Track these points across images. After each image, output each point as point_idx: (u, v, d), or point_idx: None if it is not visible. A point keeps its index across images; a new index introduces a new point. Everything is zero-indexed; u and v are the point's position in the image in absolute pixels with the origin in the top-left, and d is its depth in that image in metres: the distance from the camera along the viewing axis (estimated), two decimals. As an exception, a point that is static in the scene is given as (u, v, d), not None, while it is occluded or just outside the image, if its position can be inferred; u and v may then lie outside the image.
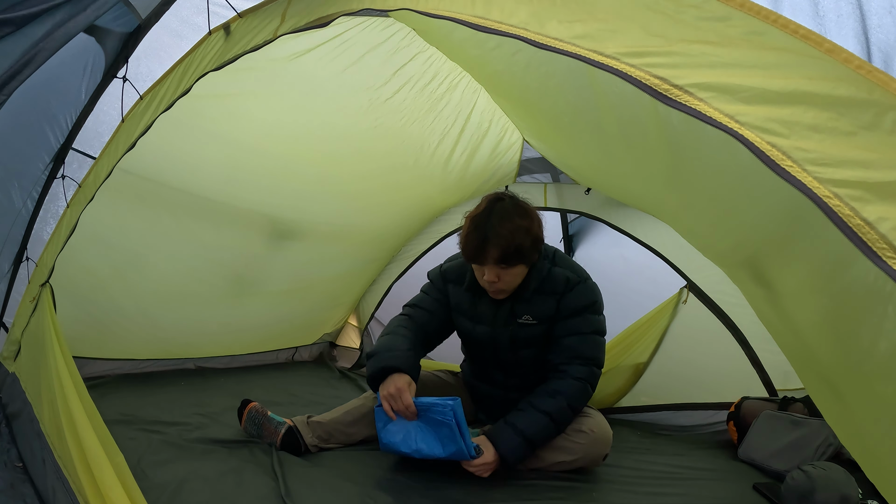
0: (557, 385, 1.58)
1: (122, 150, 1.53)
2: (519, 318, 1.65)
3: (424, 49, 1.82)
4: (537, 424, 1.53)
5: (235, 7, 1.44)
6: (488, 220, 1.54)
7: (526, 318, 1.65)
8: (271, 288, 2.62)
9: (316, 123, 2.03)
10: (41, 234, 1.76)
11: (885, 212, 0.61)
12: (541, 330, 1.65)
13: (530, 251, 1.57)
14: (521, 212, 1.57)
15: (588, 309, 1.64)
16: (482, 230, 1.53)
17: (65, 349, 1.44)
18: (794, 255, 0.84)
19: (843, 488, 1.45)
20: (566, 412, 1.56)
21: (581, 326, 1.63)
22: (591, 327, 1.64)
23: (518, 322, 1.65)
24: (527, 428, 1.52)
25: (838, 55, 0.67)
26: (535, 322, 1.64)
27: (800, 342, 0.95)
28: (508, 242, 1.51)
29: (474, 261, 1.58)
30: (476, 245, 1.54)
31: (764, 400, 2.15)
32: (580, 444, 1.59)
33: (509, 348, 1.69)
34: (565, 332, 1.64)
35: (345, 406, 1.76)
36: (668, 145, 0.99)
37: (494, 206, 1.58)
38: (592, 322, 1.65)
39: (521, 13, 0.89)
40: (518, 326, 1.66)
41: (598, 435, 1.61)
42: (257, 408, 1.66)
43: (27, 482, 1.32)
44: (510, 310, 1.66)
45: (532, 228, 1.57)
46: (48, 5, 1.20)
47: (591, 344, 1.64)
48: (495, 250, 1.51)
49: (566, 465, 1.60)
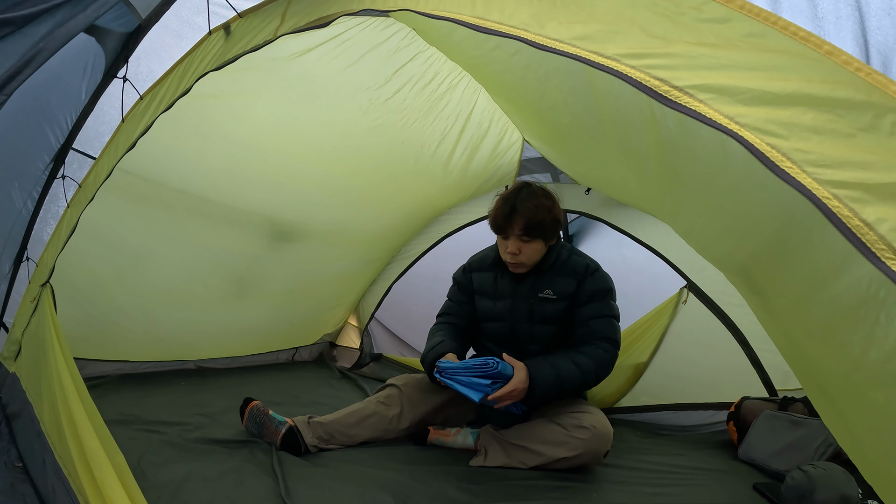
0: (588, 349, 1.71)
1: (122, 150, 1.53)
2: (540, 292, 1.79)
3: (424, 49, 1.82)
4: (569, 369, 1.64)
5: (235, 7, 1.44)
6: (517, 196, 1.74)
7: (547, 293, 1.79)
8: (271, 288, 2.62)
9: (316, 123, 2.03)
10: (41, 235, 1.77)
11: (884, 213, 0.61)
12: (561, 307, 1.78)
13: (550, 229, 1.75)
14: (545, 193, 1.78)
15: (608, 294, 1.79)
16: (510, 203, 1.73)
17: (65, 349, 1.44)
18: (789, 260, 0.84)
19: (844, 488, 1.45)
20: (591, 374, 1.67)
21: (604, 310, 1.76)
22: (612, 312, 1.78)
23: (539, 296, 1.79)
24: (560, 367, 1.64)
25: (837, 57, 0.67)
26: (555, 297, 1.77)
27: (795, 348, 0.96)
28: (532, 215, 1.70)
29: (500, 231, 1.76)
30: (504, 215, 1.72)
31: (764, 400, 2.15)
32: (582, 440, 1.60)
33: (527, 320, 1.80)
34: (591, 315, 1.76)
35: (347, 408, 1.77)
36: (664, 149, 0.99)
37: (523, 187, 1.79)
38: (613, 307, 1.79)
39: (522, 14, 0.89)
40: (538, 301, 1.79)
41: (599, 431, 1.62)
42: (259, 407, 1.67)
43: (27, 482, 1.32)
44: (531, 285, 1.81)
45: (553, 209, 1.76)
46: (48, 5, 1.20)
47: (614, 327, 1.77)
48: (520, 220, 1.70)
49: (567, 461, 1.61)
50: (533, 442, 1.65)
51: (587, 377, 1.67)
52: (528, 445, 1.64)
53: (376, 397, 1.82)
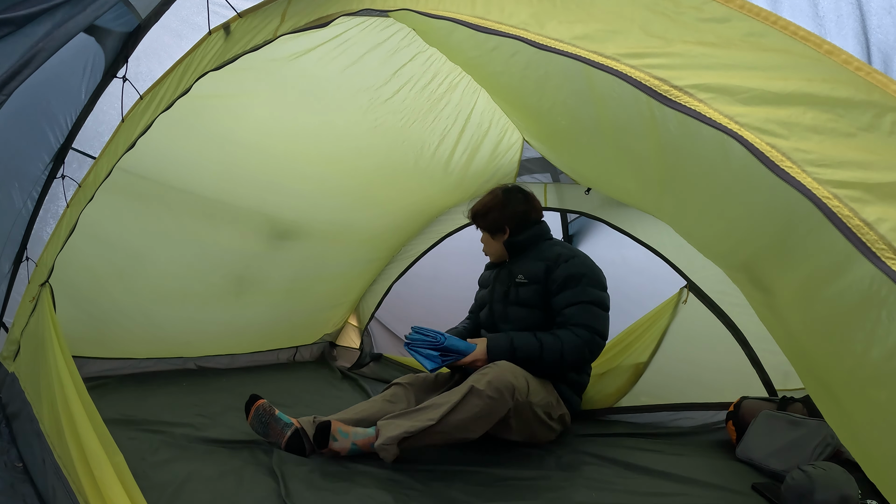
0: (560, 332, 1.80)
1: (121, 149, 1.53)
2: (516, 277, 1.98)
3: (424, 49, 1.82)
4: (528, 343, 1.77)
5: (235, 7, 1.44)
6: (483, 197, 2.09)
7: (520, 278, 1.96)
8: (271, 287, 2.62)
9: (316, 123, 2.03)
10: (41, 234, 1.76)
11: (884, 212, 0.61)
12: (533, 291, 1.92)
13: (500, 222, 2.05)
14: (510, 191, 2.09)
15: (582, 279, 1.86)
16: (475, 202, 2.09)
17: (64, 349, 1.44)
18: (791, 258, 0.84)
19: (843, 488, 1.44)
20: (556, 353, 1.76)
21: (579, 296, 1.83)
22: (588, 297, 1.83)
23: (515, 281, 1.97)
24: (517, 340, 1.78)
25: (838, 56, 0.67)
26: (526, 281, 1.94)
27: (797, 346, 0.95)
28: (480, 207, 2.08)
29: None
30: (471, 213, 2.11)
31: (763, 400, 2.15)
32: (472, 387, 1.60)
33: (502, 301, 2.00)
34: (564, 303, 1.84)
35: (353, 408, 1.77)
36: (665, 147, 0.99)
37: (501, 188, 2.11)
38: (589, 293, 1.84)
39: (521, 14, 0.89)
40: (514, 284, 1.98)
41: (491, 380, 1.61)
42: (265, 406, 1.65)
43: (27, 482, 1.32)
44: (508, 271, 2.03)
45: (510, 205, 2.05)
46: (48, 5, 1.20)
47: (591, 314, 1.81)
48: (471, 212, 2.11)
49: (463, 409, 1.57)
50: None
51: (549, 354, 1.75)
52: (426, 404, 1.62)
53: (382, 396, 1.83)
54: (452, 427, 1.57)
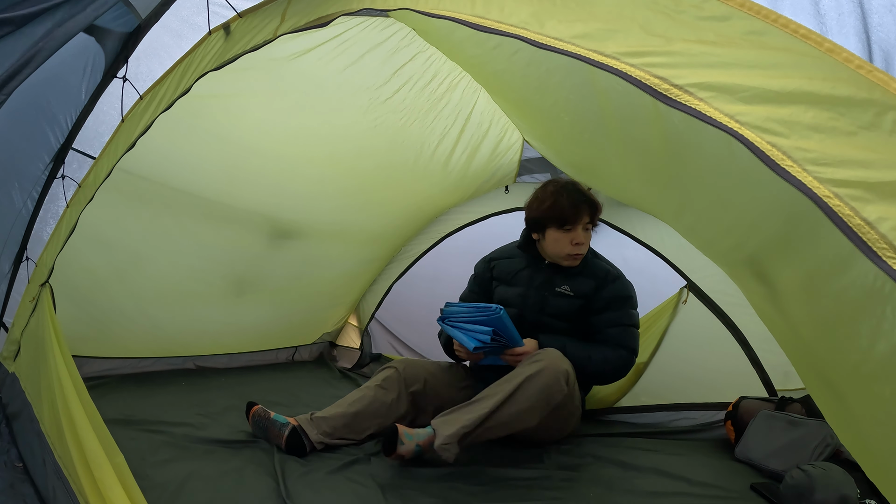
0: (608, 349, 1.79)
1: (121, 150, 1.53)
2: (557, 287, 1.84)
3: (424, 49, 1.82)
4: (579, 354, 1.72)
5: (235, 7, 1.44)
6: (574, 187, 1.81)
7: (564, 289, 1.84)
8: (271, 287, 2.62)
9: (316, 123, 2.03)
10: (41, 234, 1.76)
11: (885, 211, 0.61)
12: (576, 306, 1.83)
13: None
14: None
15: (627, 303, 1.85)
16: (574, 194, 1.79)
17: (64, 349, 1.44)
18: (794, 254, 0.84)
19: (843, 488, 1.44)
20: (602, 366, 1.76)
21: (623, 319, 1.82)
22: (630, 320, 1.83)
23: (555, 290, 1.84)
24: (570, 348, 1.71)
25: (838, 55, 0.67)
26: (571, 294, 1.83)
27: (799, 341, 0.95)
28: (597, 205, 1.82)
29: (572, 220, 1.79)
30: (574, 204, 1.78)
31: (762, 400, 2.15)
32: (526, 368, 1.59)
33: (538, 310, 1.85)
34: (608, 323, 1.82)
35: (346, 398, 1.76)
36: (668, 145, 0.99)
37: (566, 181, 1.88)
38: (632, 316, 1.85)
39: (522, 13, 0.89)
40: (553, 294, 1.84)
41: (546, 364, 1.59)
42: (260, 411, 1.66)
43: (27, 482, 1.32)
44: (548, 279, 1.88)
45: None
46: (48, 5, 1.20)
47: (631, 336, 1.83)
48: (590, 210, 1.79)
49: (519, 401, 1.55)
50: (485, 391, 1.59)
51: (595, 366, 1.74)
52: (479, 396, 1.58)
53: (374, 381, 1.81)
54: (511, 416, 1.55)
